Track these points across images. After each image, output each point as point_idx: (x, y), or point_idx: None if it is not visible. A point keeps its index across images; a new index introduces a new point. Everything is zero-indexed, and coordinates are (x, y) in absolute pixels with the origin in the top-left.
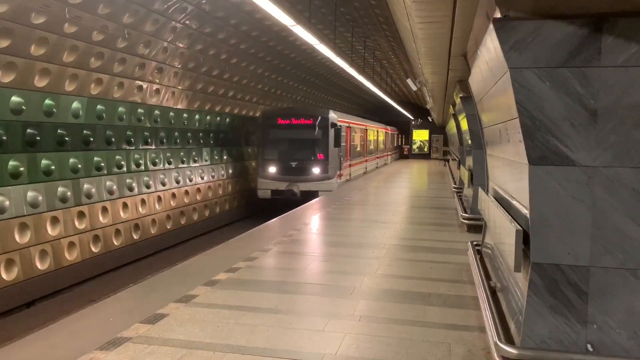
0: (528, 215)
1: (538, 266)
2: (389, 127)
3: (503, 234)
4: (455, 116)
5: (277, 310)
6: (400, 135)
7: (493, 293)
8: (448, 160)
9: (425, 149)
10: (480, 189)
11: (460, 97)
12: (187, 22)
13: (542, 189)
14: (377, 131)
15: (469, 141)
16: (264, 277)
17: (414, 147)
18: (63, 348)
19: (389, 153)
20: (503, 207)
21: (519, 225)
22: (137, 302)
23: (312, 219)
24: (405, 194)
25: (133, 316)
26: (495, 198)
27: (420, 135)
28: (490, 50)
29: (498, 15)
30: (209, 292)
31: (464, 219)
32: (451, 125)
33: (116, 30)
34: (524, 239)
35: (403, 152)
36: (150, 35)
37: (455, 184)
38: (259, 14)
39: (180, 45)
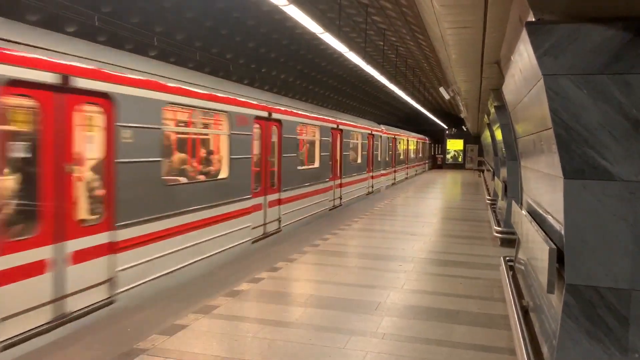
0: (563, 232)
1: (573, 287)
2: (388, 130)
3: (536, 251)
4: (489, 126)
5: (298, 324)
6: (433, 145)
7: (525, 313)
8: (483, 171)
9: (460, 159)
10: (513, 202)
11: (495, 106)
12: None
13: (578, 205)
14: (346, 133)
15: (504, 152)
16: (286, 289)
17: (448, 156)
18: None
19: (411, 165)
20: (537, 222)
21: (553, 242)
22: (157, 311)
23: (336, 231)
24: (438, 206)
25: (151, 326)
26: (529, 212)
27: (455, 145)
28: (523, 56)
29: (531, 18)
30: (230, 302)
31: (497, 232)
32: (486, 135)
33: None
34: (558, 258)
35: (437, 161)
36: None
37: (489, 195)
38: (289, 22)
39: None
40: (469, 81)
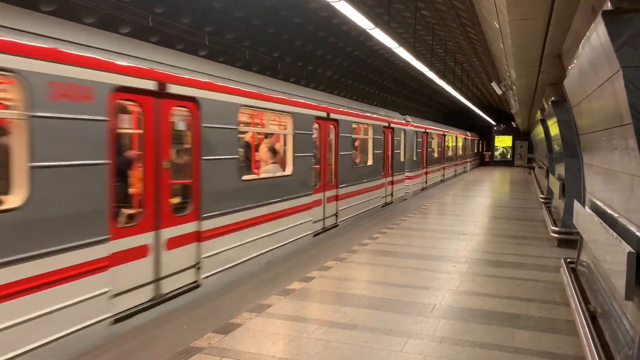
0: None
1: None
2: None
3: (609, 253)
4: (543, 121)
5: (352, 325)
6: (480, 142)
7: (593, 319)
8: (533, 168)
9: (508, 156)
10: (575, 202)
11: (551, 101)
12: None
13: None
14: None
15: (558, 148)
16: (338, 289)
17: (496, 153)
18: (136, 356)
19: (467, 160)
20: (606, 223)
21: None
22: (211, 309)
23: (384, 230)
24: (487, 204)
25: (206, 324)
26: (594, 212)
27: (503, 142)
28: (595, 47)
29: (608, 7)
30: (282, 302)
31: (554, 232)
32: (538, 131)
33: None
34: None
35: (484, 159)
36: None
37: (542, 194)
38: (336, 19)
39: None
40: (525, 75)
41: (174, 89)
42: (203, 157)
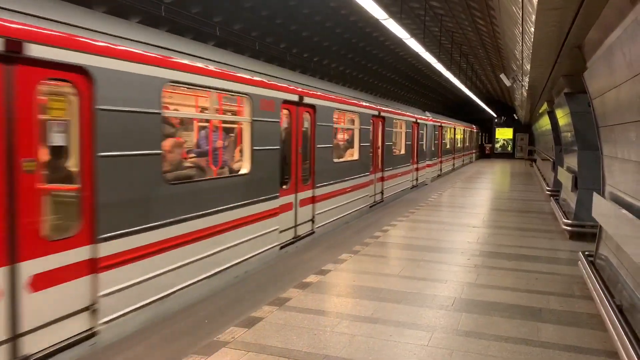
0: None
1: None
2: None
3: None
4: (551, 113)
5: (375, 319)
6: (481, 134)
7: (620, 313)
8: (535, 160)
9: (509, 148)
10: (595, 194)
11: (565, 92)
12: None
13: None
14: None
15: (569, 140)
16: (355, 282)
17: (497, 146)
18: (161, 350)
19: (471, 152)
20: (634, 216)
21: None
22: (230, 302)
23: (394, 222)
24: (493, 197)
25: (228, 318)
26: (617, 204)
27: (504, 134)
28: (633, 36)
29: None
30: (301, 295)
31: (565, 225)
32: (542, 123)
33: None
34: None
35: (484, 151)
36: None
37: (548, 186)
38: (344, 9)
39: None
40: (541, 66)
41: None
42: (99, 154)
